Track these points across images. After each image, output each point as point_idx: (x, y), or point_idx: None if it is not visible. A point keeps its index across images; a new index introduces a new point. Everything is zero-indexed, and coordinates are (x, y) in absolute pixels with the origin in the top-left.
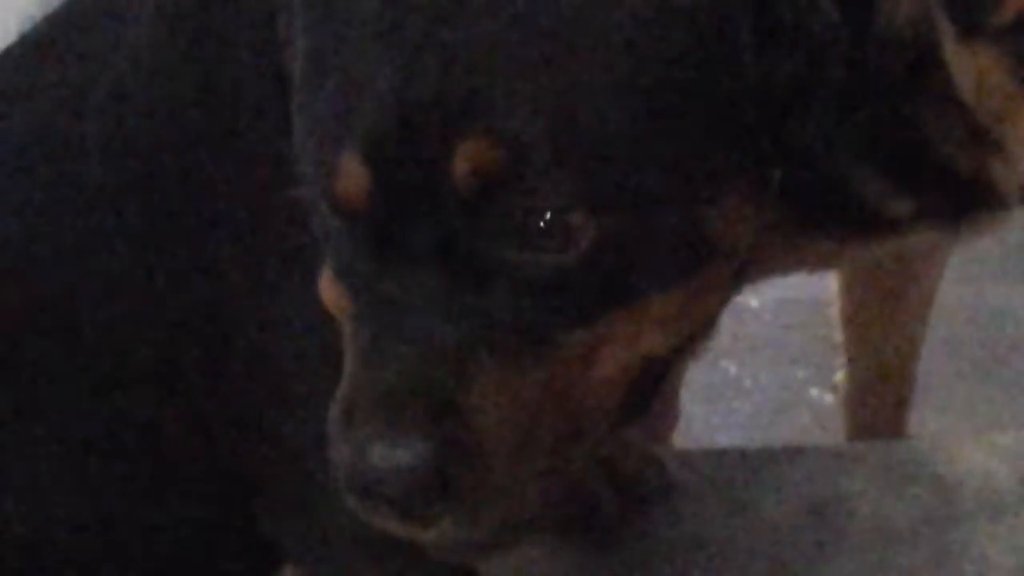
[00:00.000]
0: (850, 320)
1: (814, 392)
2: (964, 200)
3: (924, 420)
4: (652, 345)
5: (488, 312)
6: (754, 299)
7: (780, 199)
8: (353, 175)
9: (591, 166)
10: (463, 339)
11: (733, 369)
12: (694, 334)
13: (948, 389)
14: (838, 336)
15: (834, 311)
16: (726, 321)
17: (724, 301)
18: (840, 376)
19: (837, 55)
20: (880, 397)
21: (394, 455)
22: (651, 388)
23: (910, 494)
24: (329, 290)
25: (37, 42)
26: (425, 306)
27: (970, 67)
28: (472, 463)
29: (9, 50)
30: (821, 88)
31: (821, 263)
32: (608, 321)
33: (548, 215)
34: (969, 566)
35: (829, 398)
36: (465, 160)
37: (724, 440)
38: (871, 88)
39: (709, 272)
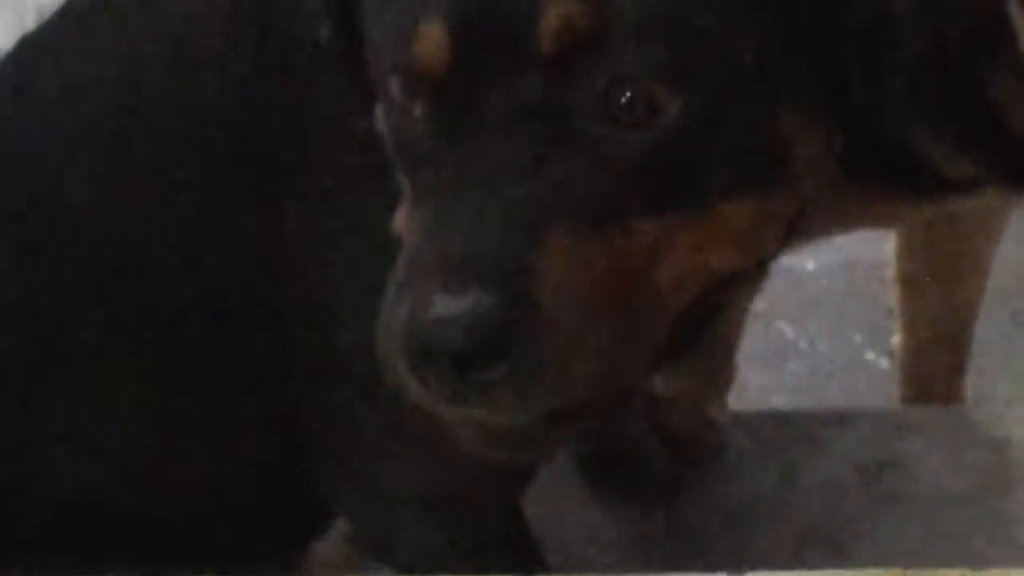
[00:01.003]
0: (906, 284)
1: (870, 356)
2: None
3: (980, 385)
4: (714, 259)
5: (563, 183)
6: (811, 262)
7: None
8: (433, 37)
9: (679, 40)
10: (535, 204)
11: (789, 332)
12: (750, 266)
13: (1005, 353)
14: (895, 301)
15: (891, 275)
16: (782, 284)
17: (780, 238)
18: (896, 340)
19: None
20: (936, 361)
21: (458, 304)
22: (704, 320)
23: (966, 459)
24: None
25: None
26: (497, 174)
27: None
28: (536, 324)
29: (67, 8)
30: (892, 48)
31: (880, 221)
32: (678, 219)
33: (632, 88)
34: None
35: (885, 362)
36: (554, 18)
37: (779, 403)
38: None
39: (776, 191)
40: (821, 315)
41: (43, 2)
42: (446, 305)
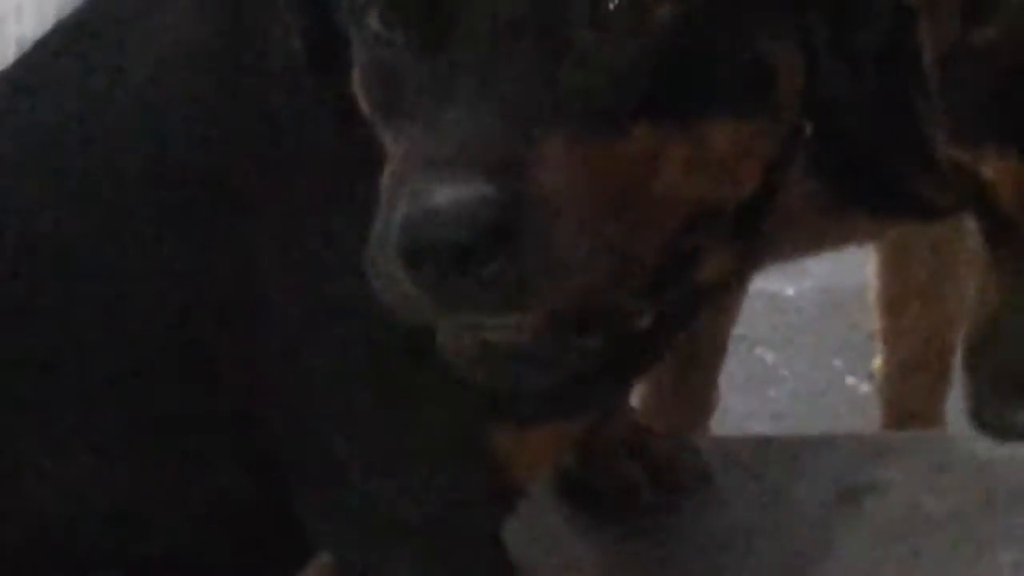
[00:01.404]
0: (886, 305)
1: (850, 381)
2: None
3: (960, 409)
4: (702, 180)
5: (556, 88)
6: (791, 287)
7: (822, 170)
8: None
9: None
10: (531, 106)
11: (769, 357)
12: (732, 200)
13: None
14: (875, 325)
15: (870, 299)
16: (762, 309)
17: (758, 176)
18: (876, 364)
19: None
20: (916, 385)
21: (458, 193)
22: (688, 259)
23: (946, 483)
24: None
25: (70, 31)
26: (489, 82)
27: None
28: (536, 215)
29: (44, 38)
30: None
31: (860, 239)
32: (671, 131)
33: None
34: (1006, 555)
35: (866, 387)
36: None
37: (760, 428)
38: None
39: (757, 117)
40: (801, 340)
41: (24, 35)
42: (445, 195)
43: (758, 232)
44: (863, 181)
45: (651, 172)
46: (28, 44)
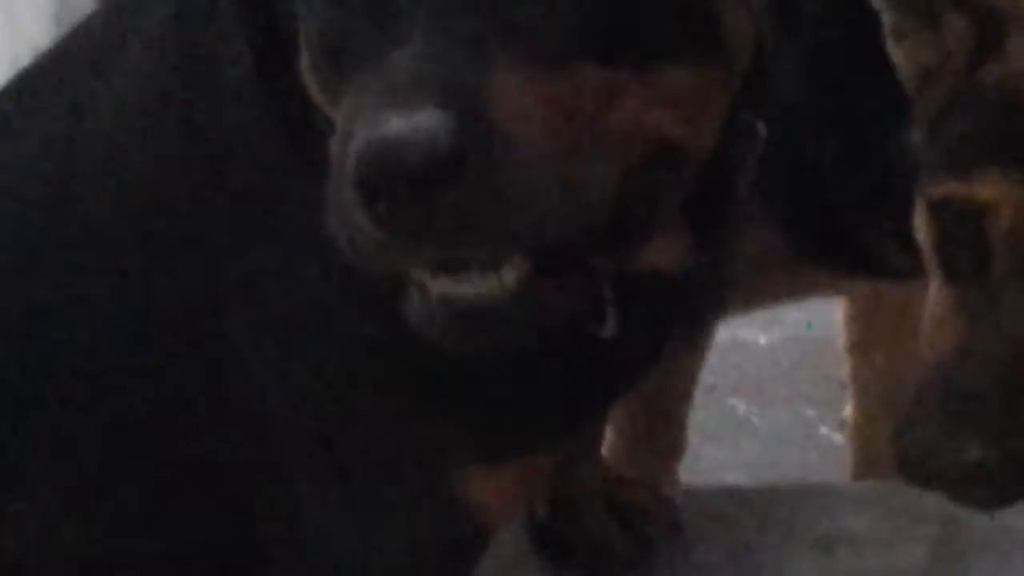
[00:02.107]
0: (856, 352)
1: (823, 430)
2: None
3: None
4: (658, 118)
5: (508, 24)
6: (762, 337)
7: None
8: None
9: None
10: (483, 39)
11: (741, 407)
12: (692, 141)
13: None
14: (846, 374)
15: (840, 348)
16: (734, 358)
17: (717, 119)
18: (847, 413)
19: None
20: (887, 431)
21: (414, 120)
22: (652, 200)
23: (919, 532)
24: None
25: (31, 77)
26: (440, 18)
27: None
28: (492, 142)
29: (6, 85)
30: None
31: (825, 290)
32: (624, 74)
33: None
34: None
35: (838, 437)
36: None
37: (732, 479)
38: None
39: (709, 60)
40: (774, 390)
41: None
42: (400, 124)
43: (715, 220)
44: (827, 238)
45: (605, 107)
46: None
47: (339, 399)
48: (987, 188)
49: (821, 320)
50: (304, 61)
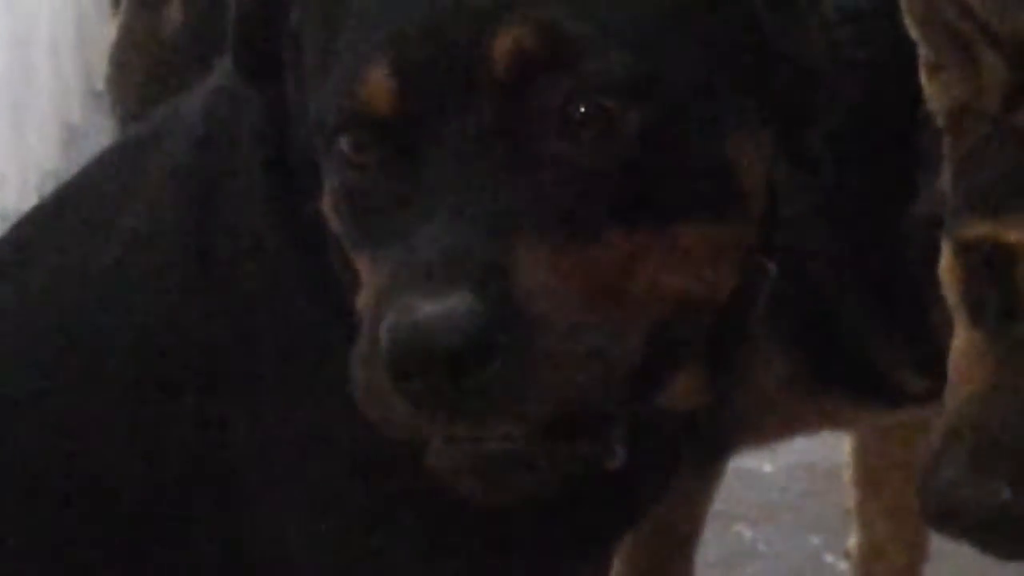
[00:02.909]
0: (862, 484)
1: (828, 559)
2: None
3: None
4: (681, 276)
5: (529, 196)
6: (768, 464)
7: (803, 358)
8: (378, 77)
9: (631, 56)
10: (504, 215)
11: (747, 534)
12: (713, 292)
13: (960, 555)
14: (851, 502)
15: (847, 477)
16: (740, 485)
17: (736, 269)
18: (853, 543)
19: (831, 82)
20: (892, 562)
21: (444, 304)
22: (673, 353)
23: None
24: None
25: (50, 212)
26: (462, 194)
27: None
28: (520, 322)
29: (26, 218)
30: (815, 107)
31: (841, 425)
32: (645, 237)
33: (588, 103)
34: None
35: (843, 565)
36: (506, 44)
37: None
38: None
39: (728, 214)
40: (778, 518)
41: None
42: (431, 308)
43: (729, 359)
44: (843, 368)
45: (628, 273)
46: (11, 216)
47: (350, 539)
48: (1016, 231)
49: (827, 448)
50: (326, 199)
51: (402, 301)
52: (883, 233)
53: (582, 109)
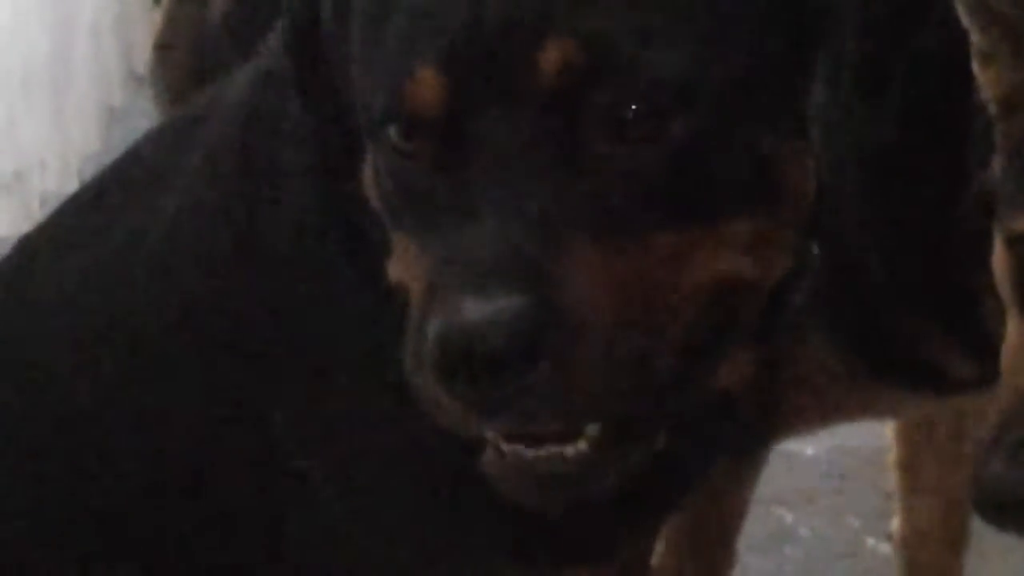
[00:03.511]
0: (906, 468)
1: (870, 541)
2: None
3: (980, 568)
4: (727, 268)
5: (578, 199)
6: (809, 447)
7: (850, 346)
8: (428, 78)
9: (676, 58)
10: (553, 218)
11: (788, 517)
12: (764, 278)
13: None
14: (893, 485)
15: (889, 460)
16: (781, 469)
17: (786, 258)
18: (895, 525)
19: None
20: (936, 546)
21: (491, 306)
22: (717, 349)
23: None
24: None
25: (92, 195)
26: (510, 195)
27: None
28: (567, 326)
29: (69, 201)
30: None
31: (887, 413)
32: (692, 236)
33: (637, 104)
34: None
35: (885, 548)
36: (553, 54)
37: None
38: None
39: (772, 210)
40: (820, 500)
41: (47, 190)
42: (478, 309)
43: (775, 336)
44: (884, 351)
45: (674, 274)
46: (52, 199)
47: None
48: None
49: (867, 431)
50: (368, 176)
51: (450, 301)
52: (935, 220)
53: (629, 114)
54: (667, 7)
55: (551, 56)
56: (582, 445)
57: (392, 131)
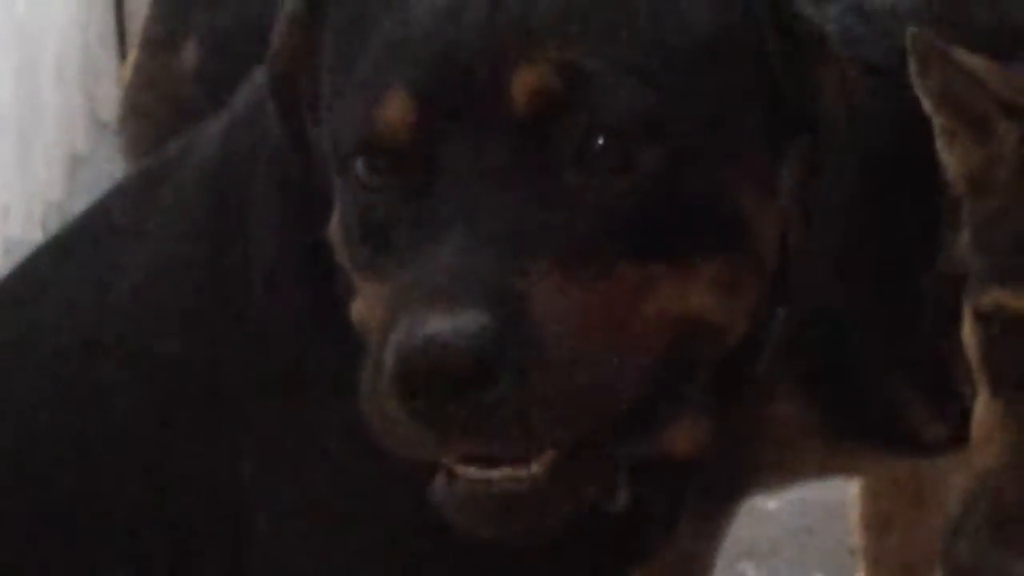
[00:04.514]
0: (871, 525)
1: None
2: None
3: None
4: (696, 306)
5: (544, 226)
6: (772, 501)
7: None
8: (397, 102)
9: (647, 91)
10: (519, 241)
11: (751, 571)
12: (728, 323)
13: None
14: (855, 540)
15: (852, 515)
16: (745, 522)
17: (751, 307)
18: None
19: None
20: None
21: (453, 321)
22: (676, 391)
23: None
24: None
25: (63, 243)
26: (476, 220)
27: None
28: (531, 344)
29: (39, 250)
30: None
31: (857, 470)
32: (657, 270)
33: (606, 136)
34: None
35: None
36: (525, 87)
37: None
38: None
39: (738, 253)
40: (783, 554)
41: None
42: (440, 324)
43: (733, 405)
44: (857, 412)
45: (637, 305)
46: (16, 246)
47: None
48: None
49: (830, 486)
50: (334, 224)
51: (412, 318)
52: (904, 287)
53: (599, 143)
54: (642, 40)
55: (525, 82)
56: (536, 468)
57: (359, 164)
